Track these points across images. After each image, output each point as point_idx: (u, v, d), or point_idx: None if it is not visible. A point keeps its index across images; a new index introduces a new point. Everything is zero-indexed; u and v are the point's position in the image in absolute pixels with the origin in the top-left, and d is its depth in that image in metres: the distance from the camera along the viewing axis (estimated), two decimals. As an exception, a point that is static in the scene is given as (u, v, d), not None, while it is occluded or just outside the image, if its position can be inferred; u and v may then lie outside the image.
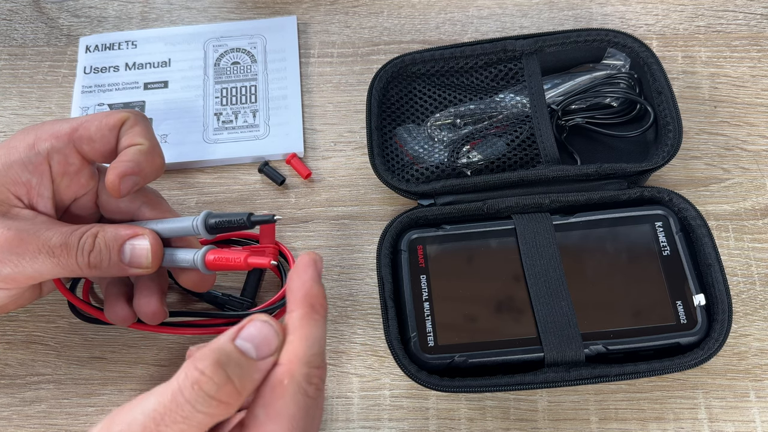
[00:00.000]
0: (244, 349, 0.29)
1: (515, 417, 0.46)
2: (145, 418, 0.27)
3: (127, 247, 0.41)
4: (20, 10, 0.63)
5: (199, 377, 0.27)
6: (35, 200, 0.42)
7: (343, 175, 0.55)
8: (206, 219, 0.42)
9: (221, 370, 0.27)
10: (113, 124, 0.42)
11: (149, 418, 0.27)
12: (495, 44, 0.54)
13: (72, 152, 0.42)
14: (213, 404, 0.27)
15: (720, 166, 0.53)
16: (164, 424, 0.27)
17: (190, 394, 0.27)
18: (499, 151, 0.51)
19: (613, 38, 0.53)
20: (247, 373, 0.28)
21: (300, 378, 0.29)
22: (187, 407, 0.27)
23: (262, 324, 0.29)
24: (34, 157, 0.41)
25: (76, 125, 0.42)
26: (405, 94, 0.55)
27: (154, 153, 0.43)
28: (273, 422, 0.28)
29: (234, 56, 0.60)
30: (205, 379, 0.27)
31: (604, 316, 0.45)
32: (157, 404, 0.27)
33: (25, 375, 0.48)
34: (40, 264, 0.40)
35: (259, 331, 0.29)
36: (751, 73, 0.57)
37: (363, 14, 0.62)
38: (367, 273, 0.51)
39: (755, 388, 0.46)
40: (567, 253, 0.47)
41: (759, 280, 0.49)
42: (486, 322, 0.45)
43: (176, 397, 0.27)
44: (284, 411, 0.29)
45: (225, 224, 0.42)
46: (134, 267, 0.41)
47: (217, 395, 0.27)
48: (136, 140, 0.42)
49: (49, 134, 0.42)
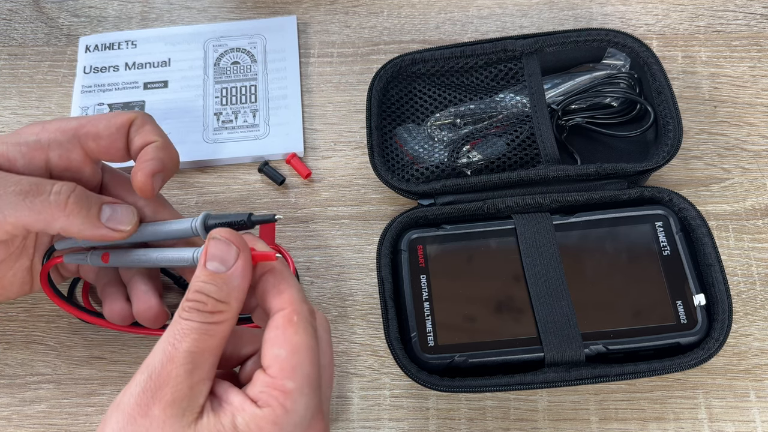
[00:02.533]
0: (214, 269, 0.34)
1: (515, 417, 0.46)
2: (163, 345, 0.32)
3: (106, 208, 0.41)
4: (20, 10, 0.63)
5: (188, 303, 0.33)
6: None
7: (343, 175, 0.55)
8: (205, 220, 0.42)
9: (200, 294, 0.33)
10: (121, 123, 0.43)
11: (165, 343, 0.32)
12: (495, 44, 0.54)
13: (75, 147, 0.42)
14: (207, 316, 0.33)
15: (720, 166, 0.53)
16: (178, 341, 0.32)
17: (186, 314, 0.33)
18: (499, 151, 0.51)
19: (613, 38, 0.53)
20: (223, 285, 0.34)
21: (306, 314, 0.34)
22: (189, 323, 0.32)
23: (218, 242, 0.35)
24: (32, 142, 0.42)
25: (84, 122, 0.43)
26: (405, 94, 0.55)
27: (170, 147, 0.44)
28: (297, 354, 0.33)
29: (234, 56, 0.60)
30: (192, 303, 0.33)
31: (605, 316, 0.45)
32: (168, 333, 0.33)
33: (25, 375, 0.48)
34: (6, 202, 0.39)
35: (219, 249, 0.34)
36: (751, 73, 0.57)
37: (363, 14, 0.62)
38: (367, 273, 0.51)
39: (755, 388, 0.46)
40: (567, 253, 0.47)
41: (759, 280, 0.49)
42: (486, 322, 0.45)
43: (177, 320, 0.33)
44: (304, 343, 0.33)
45: (225, 225, 0.41)
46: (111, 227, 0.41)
47: (206, 309, 0.33)
48: (150, 138, 0.43)
49: (55, 128, 0.42)
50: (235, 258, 0.34)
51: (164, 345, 0.32)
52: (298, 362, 0.33)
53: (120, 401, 0.32)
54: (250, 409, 0.32)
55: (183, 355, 0.32)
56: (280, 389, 0.32)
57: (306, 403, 0.33)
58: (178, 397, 0.31)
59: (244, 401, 0.32)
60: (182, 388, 0.31)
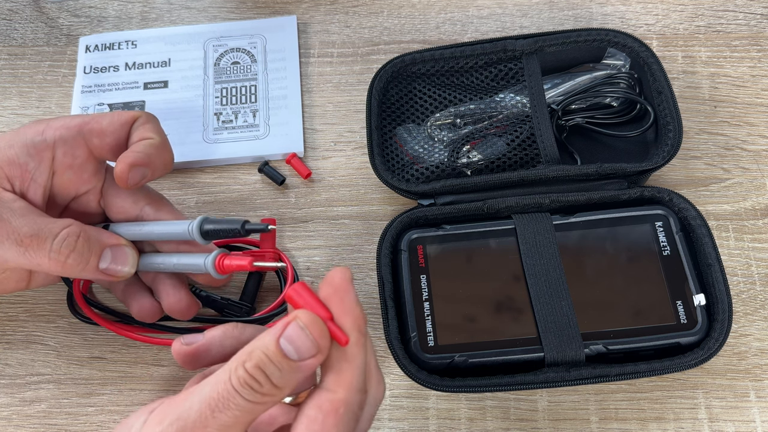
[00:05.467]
0: (285, 350, 0.30)
1: (515, 417, 0.46)
2: (201, 405, 0.30)
3: (106, 254, 0.41)
4: (20, 10, 0.63)
5: (244, 375, 0.30)
6: (27, 185, 0.42)
7: (343, 175, 0.55)
8: (201, 225, 0.42)
9: (261, 372, 0.30)
10: (125, 120, 0.43)
11: (205, 404, 0.30)
12: (495, 44, 0.54)
13: (80, 144, 0.42)
14: (258, 396, 0.30)
15: (720, 166, 0.53)
16: (218, 410, 0.30)
17: (239, 387, 0.30)
18: (499, 151, 0.51)
19: (613, 38, 0.53)
20: (287, 373, 0.30)
21: (355, 408, 0.31)
22: (238, 397, 0.30)
23: (301, 333, 0.30)
24: (39, 142, 0.42)
25: (88, 119, 0.43)
26: (405, 94, 0.55)
27: (164, 148, 0.44)
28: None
29: (234, 56, 0.60)
30: (250, 379, 0.30)
31: (604, 316, 0.45)
32: (212, 392, 0.30)
33: (25, 375, 0.48)
34: (5, 250, 0.39)
35: (298, 337, 0.30)
36: (751, 73, 0.57)
37: (363, 14, 0.62)
38: (367, 273, 0.51)
39: (755, 388, 0.46)
40: (567, 252, 0.47)
41: (759, 280, 0.49)
42: (486, 322, 0.45)
43: (227, 387, 0.30)
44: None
45: (219, 232, 0.42)
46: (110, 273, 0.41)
47: (260, 390, 0.30)
48: (147, 135, 0.43)
49: (60, 125, 0.43)
50: (312, 354, 0.30)
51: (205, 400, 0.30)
52: None
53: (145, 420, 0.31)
54: None
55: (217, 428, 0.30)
56: None
57: None
58: None
59: None
60: None
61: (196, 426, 0.30)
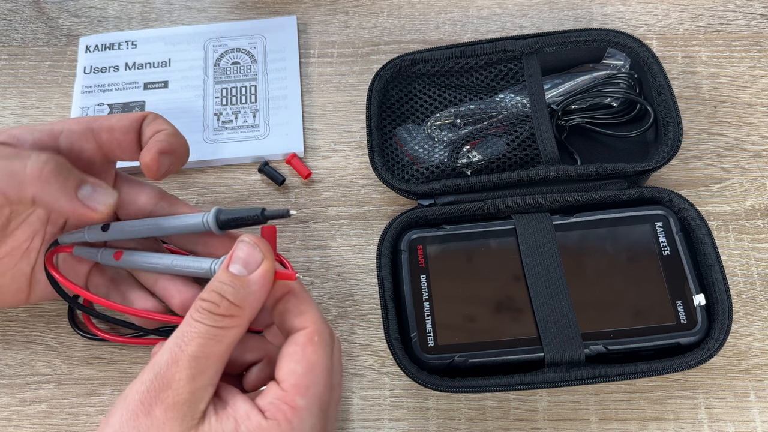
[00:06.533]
0: (236, 271, 0.34)
1: (515, 417, 0.46)
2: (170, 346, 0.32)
3: (87, 186, 0.40)
4: (20, 10, 0.63)
5: (200, 303, 0.33)
6: None
7: (343, 175, 0.55)
8: (217, 215, 0.41)
9: (216, 294, 0.33)
10: (134, 118, 0.44)
11: (173, 344, 0.32)
12: (495, 44, 0.54)
13: (89, 138, 0.43)
14: (217, 319, 0.33)
15: (720, 166, 0.53)
16: (185, 343, 0.32)
17: (198, 315, 0.33)
18: (499, 151, 0.51)
19: (613, 38, 0.53)
20: (240, 288, 0.34)
21: (326, 336, 0.35)
22: (198, 325, 0.32)
23: (245, 245, 0.35)
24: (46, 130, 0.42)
25: (98, 117, 0.44)
26: (405, 94, 0.55)
27: (181, 135, 0.44)
28: (312, 373, 0.33)
29: (234, 56, 0.60)
30: (206, 303, 0.33)
31: (604, 316, 0.45)
32: (177, 331, 0.33)
33: (25, 375, 0.48)
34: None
35: (245, 253, 0.35)
36: (751, 73, 0.57)
37: (363, 14, 0.62)
38: (367, 273, 0.51)
39: (755, 388, 0.46)
40: (567, 253, 0.47)
41: (759, 280, 0.49)
42: (486, 322, 0.45)
43: (189, 321, 0.33)
44: (320, 364, 0.34)
45: (238, 220, 0.40)
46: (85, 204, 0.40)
47: (219, 311, 0.33)
48: (161, 127, 0.43)
49: (70, 120, 0.43)
50: (259, 263, 0.35)
51: (172, 345, 0.32)
52: (312, 381, 0.33)
53: (126, 395, 0.32)
54: (256, 419, 0.32)
55: (188, 360, 0.32)
56: (290, 404, 0.32)
57: (312, 424, 0.33)
58: (179, 401, 0.31)
59: (251, 410, 0.32)
60: (183, 392, 0.31)
61: (168, 366, 0.32)
